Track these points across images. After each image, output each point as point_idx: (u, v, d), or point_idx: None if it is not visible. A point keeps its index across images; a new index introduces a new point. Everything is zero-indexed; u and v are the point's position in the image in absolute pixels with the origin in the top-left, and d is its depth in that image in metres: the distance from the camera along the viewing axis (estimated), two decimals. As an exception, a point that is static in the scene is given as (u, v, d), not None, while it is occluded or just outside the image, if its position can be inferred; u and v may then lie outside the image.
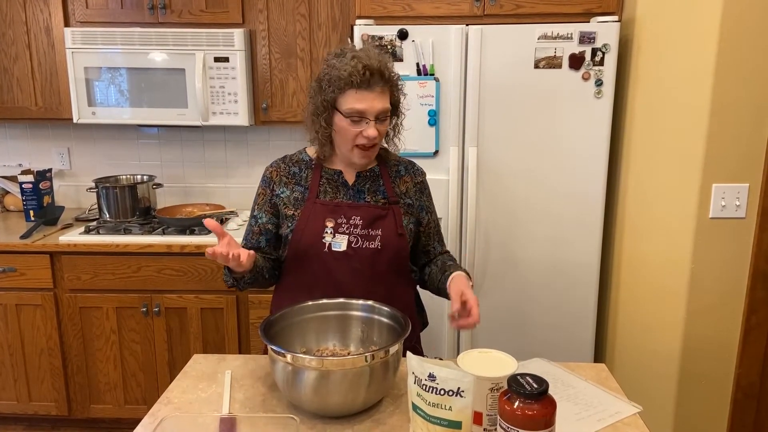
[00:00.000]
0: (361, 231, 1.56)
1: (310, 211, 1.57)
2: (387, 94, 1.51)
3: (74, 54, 2.66)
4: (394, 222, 1.58)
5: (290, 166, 1.64)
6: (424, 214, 1.68)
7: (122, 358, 2.68)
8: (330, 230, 1.55)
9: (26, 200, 2.89)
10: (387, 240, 1.56)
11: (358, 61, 1.45)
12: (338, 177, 1.60)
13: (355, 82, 1.45)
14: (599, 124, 2.34)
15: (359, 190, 1.60)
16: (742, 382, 2.13)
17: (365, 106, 1.46)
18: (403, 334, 1.29)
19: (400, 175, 1.66)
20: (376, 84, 1.47)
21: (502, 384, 1.16)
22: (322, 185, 1.60)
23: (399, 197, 1.62)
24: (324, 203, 1.57)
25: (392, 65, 1.54)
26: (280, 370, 1.23)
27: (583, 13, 2.43)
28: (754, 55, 1.92)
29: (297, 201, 1.59)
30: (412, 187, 1.66)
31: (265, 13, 2.66)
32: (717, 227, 2.05)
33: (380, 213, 1.58)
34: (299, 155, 1.66)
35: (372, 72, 1.45)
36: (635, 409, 1.33)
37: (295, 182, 1.61)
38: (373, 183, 1.62)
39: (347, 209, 1.57)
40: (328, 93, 1.49)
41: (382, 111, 1.49)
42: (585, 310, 2.49)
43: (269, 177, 1.64)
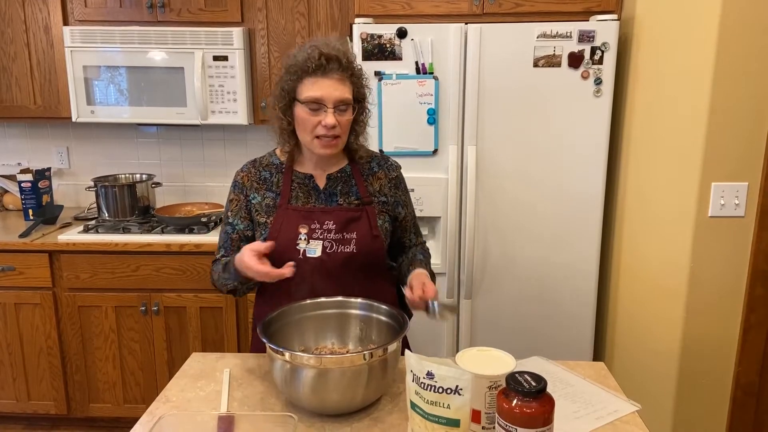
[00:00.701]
0: (335, 235, 1.54)
1: (282, 218, 1.55)
2: (347, 84, 1.48)
3: (73, 53, 2.66)
4: (368, 223, 1.56)
5: (261, 171, 1.61)
6: (400, 208, 1.66)
7: (121, 357, 2.68)
8: (304, 236, 1.53)
9: (25, 199, 2.89)
10: (362, 242, 1.54)
11: (314, 49, 1.45)
12: (309, 181, 1.58)
13: (310, 68, 1.44)
14: (598, 122, 2.34)
15: (331, 193, 1.58)
16: (741, 381, 2.13)
17: (322, 92, 1.45)
18: (402, 333, 1.29)
19: (373, 172, 1.63)
20: (333, 71, 1.45)
21: (501, 382, 1.15)
22: (294, 190, 1.58)
23: (373, 196, 1.60)
24: (296, 209, 1.56)
25: (353, 57, 1.52)
26: (279, 369, 1.23)
27: (583, 12, 2.43)
28: (754, 54, 1.92)
29: (269, 207, 1.57)
30: (387, 183, 1.63)
31: (264, 11, 2.66)
32: (716, 226, 2.05)
33: (353, 215, 1.56)
34: (269, 158, 1.64)
35: (328, 58, 1.44)
36: (634, 407, 1.33)
37: (266, 188, 1.59)
38: (345, 184, 1.60)
39: (320, 214, 1.55)
40: (287, 83, 1.48)
41: (341, 100, 1.46)
42: (584, 309, 2.49)
43: (241, 182, 1.61)
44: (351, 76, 1.50)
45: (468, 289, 2.47)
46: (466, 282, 2.46)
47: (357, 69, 1.52)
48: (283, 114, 1.51)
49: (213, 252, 2.52)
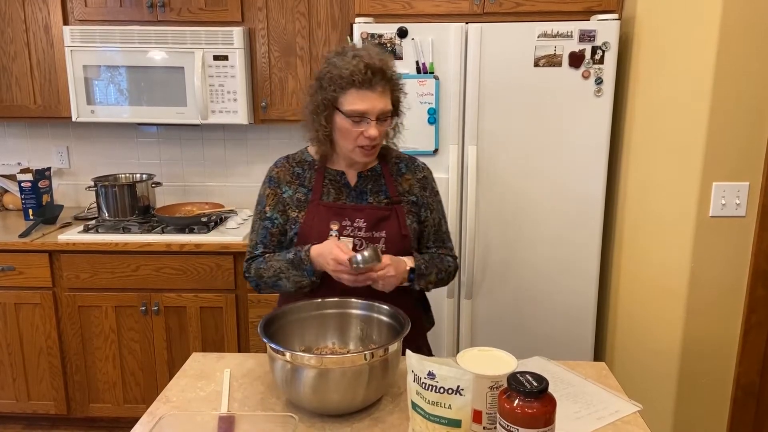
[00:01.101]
0: (365, 233, 1.55)
1: (314, 214, 1.56)
2: (388, 94, 1.50)
3: (73, 52, 2.66)
4: (398, 223, 1.57)
5: (294, 167, 1.63)
6: (424, 211, 1.65)
7: (121, 357, 2.67)
8: (335, 233, 1.54)
9: (25, 199, 2.88)
10: (391, 242, 1.55)
11: (359, 60, 1.44)
12: (341, 178, 1.60)
13: (356, 81, 1.44)
14: (599, 122, 2.34)
15: (362, 191, 1.59)
16: (742, 381, 2.13)
17: (367, 106, 1.45)
18: (403, 333, 1.29)
19: (402, 173, 1.64)
20: (378, 84, 1.46)
21: (502, 382, 1.15)
22: (326, 186, 1.59)
23: (402, 196, 1.61)
24: (327, 205, 1.57)
25: (393, 64, 1.53)
26: (279, 369, 1.23)
27: (583, 11, 2.42)
28: (754, 53, 1.92)
29: (300, 202, 1.59)
30: (415, 184, 1.64)
31: (265, 11, 2.66)
32: (717, 226, 2.04)
33: (383, 214, 1.57)
34: (302, 155, 1.65)
35: (374, 71, 1.44)
36: (635, 407, 1.33)
37: (298, 183, 1.60)
38: (375, 183, 1.61)
39: (351, 211, 1.56)
40: (328, 92, 1.47)
41: (384, 111, 1.48)
42: (585, 309, 2.48)
43: (276, 177, 1.63)
44: (392, 85, 1.51)
45: (468, 289, 2.46)
46: (467, 282, 2.45)
47: (397, 78, 1.52)
48: (325, 122, 1.50)
49: (212, 252, 2.55)
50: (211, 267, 2.57)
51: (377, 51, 1.50)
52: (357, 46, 1.53)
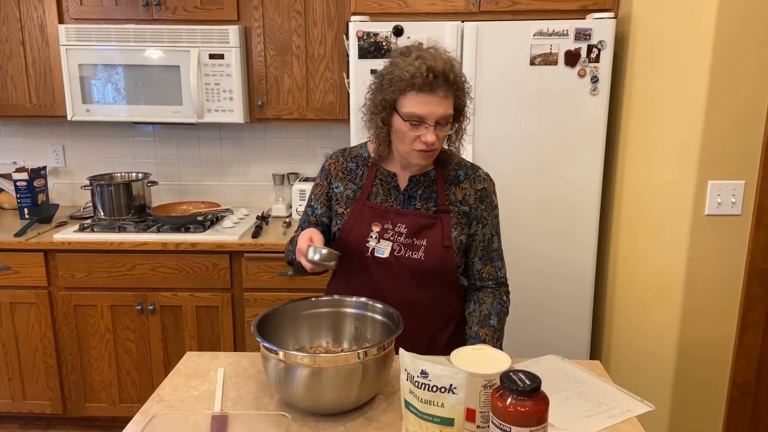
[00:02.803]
0: (405, 240, 1.52)
1: (358, 213, 1.55)
2: (450, 98, 1.42)
3: (68, 51, 2.65)
4: (441, 233, 1.52)
5: (348, 162, 1.61)
6: (475, 224, 1.57)
7: (117, 356, 2.67)
8: (375, 235, 1.53)
9: (20, 198, 2.88)
10: (431, 251, 1.51)
11: (422, 62, 1.37)
12: (392, 180, 1.56)
13: (417, 84, 1.37)
14: (595, 121, 2.34)
15: (410, 195, 1.55)
16: (738, 380, 2.12)
17: (426, 111, 1.39)
18: (396, 332, 1.28)
19: (459, 181, 1.57)
20: (440, 88, 1.39)
21: (496, 381, 1.15)
22: (375, 186, 1.57)
23: (452, 205, 1.55)
24: (373, 206, 1.55)
25: (459, 67, 1.45)
26: (273, 368, 1.22)
27: (579, 10, 2.42)
28: (750, 52, 1.91)
29: (348, 199, 1.58)
30: (472, 194, 1.56)
31: (260, 9, 2.65)
32: (713, 224, 2.04)
33: (427, 222, 1.52)
34: (359, 149, 1.63)
35: (436, 75, 1.37)
36: (647, 407, 1.31)
37: (349, 179, 1.59)
38: (426, 189, 1.56)
39: (394, 216, 1.53)
40: (388, 93, 1.42)
41: (443, 117, 1.41)
42: (581, 308, 2.48)
43: (328, 169, 1.62)
44: (456, 90, 1.43)
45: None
46: (463, 281, 2.45)
47: (461, 82, 1.45)
48: (383, 122, 1.47)
49: (208, 251, 2.55)
50: (207, 266, 2.56)
51: (443, 52, 1.43)
52: (423, 45, 1.45)
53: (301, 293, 2.56)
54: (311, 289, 2.56)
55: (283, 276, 2.56)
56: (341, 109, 2.72)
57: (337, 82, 2.70)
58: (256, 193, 3.17)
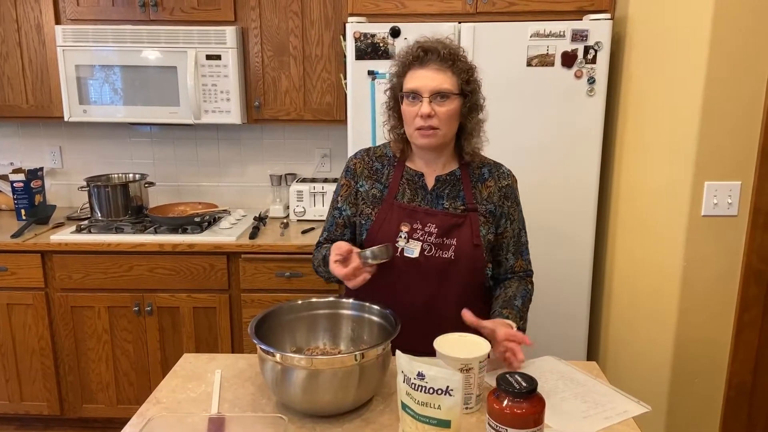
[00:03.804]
0: (435, 240, 1.52)
1: (386, 213, 1.55)
2: (447, 74, 1.45)
3: (65, 52, 2.65)
4: (470, 231, 1.53)
5: (374, 161, 1.62)
6: (503, 221, 1.59)
7: (114, 357, 2.66)
8: (404, 235, 1.53)
9: (17, 199, 2.87)
10: (461, 250, 1.52)
11: (417, 43, 1.47)
12: (419, 179, 1.57)
13: (408, 61, 1.46)
14: (592, 122, 2.34)
15: (438, 195, 1.56)
16: (734, 380, 2.13)
17: (419, 83, 1.45)
18: (393, 333, 1.28)
19: (484, 179, 1.59)
20: (431, 61, 1.45)
21: (472, 365, 1.22)
22: (402, 185, 1.57)
23: (479, 203, 1.56)
24: (401, 206, 1.55)
25: (458, 50, 1.49)
26: (270, 370, 1.22)
27: (576, 11, 2.42)
28: (746, 53, 1.92)
29: (375, 199, 1.58)
30: (496, 192, 1.58)
31: (258, 10, 2.65)
32: (709, 225, 2.05)
33: (456, 222, 1.53)
34: (383, 149, 1.64)
35: (426, 50, 1.45)
36: (643, 408, 1.31)
37: (375, 179, 1.59)
38: (453, 188, 1.57)
39: (423, 215, 1.53)
40: (393, 81, 1.51)
41: (438, 89, 1.43)
42: (578, 308, 2.49)
43: (353, 169, 1.62)
44: (453, 66, 1.46)
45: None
46: (460, 281, 2.45)
47: (462, 60, 1.48)
48: (392, 111, 1.53)
49: (205, 252, 2.54)
50: (205, 267, 2.56)
51: (443, 39, 1.49)
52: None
53: (300, 294, 2.57)
54: (310, 289, 2.56)
55: (281, 277, 2.56)
56: (338, 110, 2.72)
57: (335, 83, 2.70)
58: (254, 194, 3.17)
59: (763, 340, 2.10)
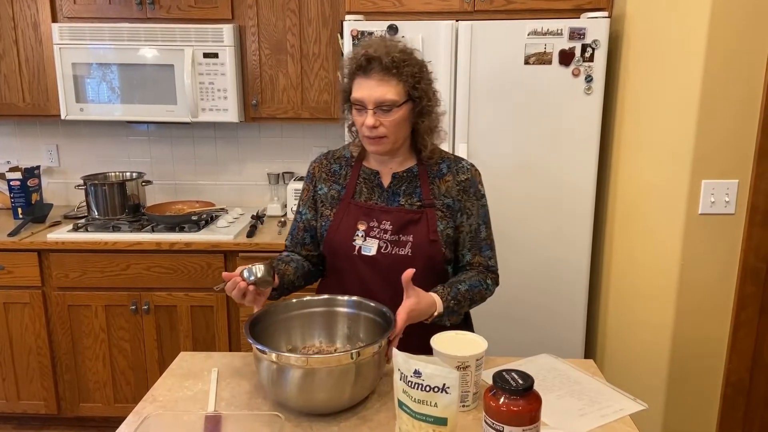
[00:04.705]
0: (390, 237, 1.52)
1: (343, 213, 1.55)
2: (391, 84, 1.42)
3: (62, 50, 2.64)
4: (427, 227, 1.52)
5: (332, 163, 1.63)
6: (460, 216, 1.56)
7: (111, 356, 2.66)
8: (361, 233, 1.53)
9: (14, 197, 2.87)
10: (418, 247, 1.51)
11: (361, 49, 1.44)
12: (375, 178, 1.57)
13: (355, 69, 1.45)
14: (589, 120, 2.34)
15: (394, 192, 1.56)
16: (731, 378, 2.13)
17: (363, 94, 1.43)
18: (389, 331, 1.28)
19: (442, 174, 1.56)
20: (374, 71, 1.42)
21: (469, 363, 1.22)
22: (359, 185, 1.57)
23: (436, 199, 1.54)
24: (358, 205, 1.55)
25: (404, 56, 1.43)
26: (265, 369, 1.22)
27: (573, 9, 2.42)
28: (743, 51, 1.92)
29: (333, 200, 1.58)
30: (454, 186, 1.56)
31: (255, 8, 2.65)
32: (706, 223, 2.05)
33: (412, 217, 1.52)
34: (342, 151, 1.65)
35: (370, 58, 1.42)
36: (640, 406, 1.31)
37: (333, 180, 1.60)
38: (410, 184, 1.56)
39: (379, 213, 1.53)
40: (344, 85, 1.50)
41: (382, 100, 1.41)
42: (575, 306, 2.49)
43: (312, 173, 1.64)
44: (398, 73, 1.42)
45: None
46: (458, 280, 2.45)
47: (407, 67, 1.43)
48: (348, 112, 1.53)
49: (203, 251, 2.55)
50: (202, 266, 2.56)
51: (388, 42, 1.45)
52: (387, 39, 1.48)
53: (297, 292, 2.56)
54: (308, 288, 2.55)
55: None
56: (336, 108, 2.72)
57: (332, 81, 2.70)
58: (251, 193, 3.16)
59: (760, 338, 2.10)
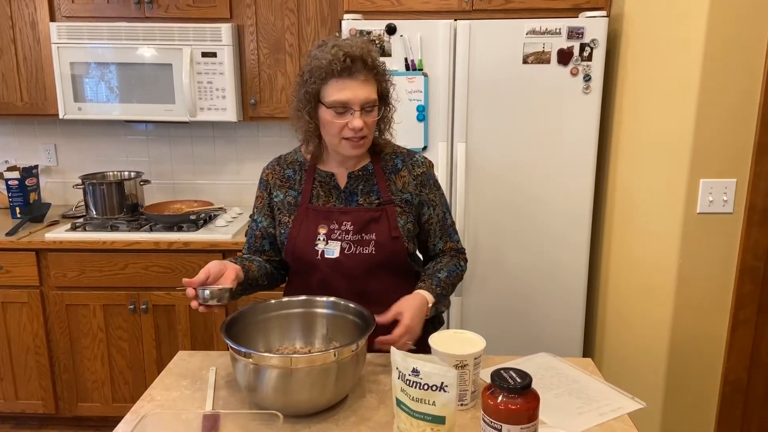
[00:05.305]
0: (353, 237, 1.51)
1: (302, 218, 1.54)
2: (372, 83, 1.44)
3: (60, 49, 2.63)
4: (388, 224, 1.52)
5: (285, 169, 1.60)
6: (425, 208, 1.58)
7: (110, 355, 2.66)
8: (323, 237, 1.52)
9: (12, 197, 2.86)
10: (381, 244, 1.51)
11: (338, 49, 1.40)
12: (330, 180, 1.56)
13: (335, 70, 1.39)
14: (587, 119, 2.34)
15: (351, 192, 1.55)
16: (729, 377, 2.13)
17: (348, 95, 1.40)
18: (368, 331, 1.27)
19: (397, 170, 1.57)
20: (359, 72, 1.41)
21: (467, 361, 1.23)
22: (315, 188, 1.56)
23: (394, 195, 1.55)
24: (316, 209, 1.54)
25: (377, 54, 1.47)
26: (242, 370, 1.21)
27: (572, 8, 2.42)
28: (741, 50, 1.92)
29: (290, 206, 1.57)
30: (411, 181, 1.56)
31: (253, 7, 2.64)
32: (704, 222, 2.05)
33: (372, 216, 1.52)
34: (294, 155, 1.62)
35: (353, 59, 1.39)
36: (638, 405, 1.31)
37: (288, 186, 1.58)
38: (367, 183, 1.55)
39: (338, 215, 1.53)
40: (310, 85, 1.43)
41: (367, 101, 1.42)
42: (574, 306, 2.49)
43: (266, 180, 1.61)
44: (376, 74, 1.45)
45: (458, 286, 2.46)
46: (456, 279, 2.45)
47: (381, 67, 1.47)
48: (309, 117, 1.47)
49: (201, 250, 2.55)
50: (200, 265, 2.52)
51: (359, 41, 1.45)
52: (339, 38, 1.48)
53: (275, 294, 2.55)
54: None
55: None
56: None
57: (331, 80, 2.69)
58: (250, 192, 3.16)
59: (758, 337, 2.10)
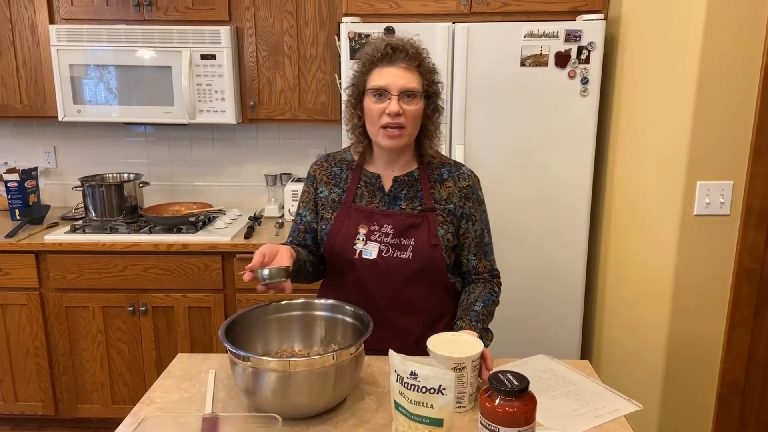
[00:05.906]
0: (392, 240, 1.52)
1: (344, 216, 1.55)
2: (414, 73, 1.46)
3: (59, 51, 2.64)
4: (428, 231, 1.52)
5: (332, 166, 1.63)
6: (464, 222, 1.57)
7: (109, 357, 2.66)
8: (362, 237, 1.53)
9: (11, 199, 2.87)
10: (419, 250, 1.51)
11: (382, 41, 1.47)
12: (376, 181, 1.57)
13: (376, 57, 1.45)
14: (585, 122, 2.35)
15: (395, 196, 1.56)
16: (727, 378, 2.14)
17: (387, 81, 1.44)
18: (366, 334, 1.28)
19: (443, 179, 1.57)
20: (399, 60, 1.45)
21: (465, 364, 1.23)
22: (360, 188, 1.57)
23: (438, 203, 1.55)
24: (359, 208, 1.55)
25: (425, 52, 1.50)
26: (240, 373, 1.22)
27: (569, 11, 2.43)
28: (738, 53, 1.93)
29: (334, 203, 1.58)
30: (456, 192, 1.57)
31: (252, 10, 2.65)
32: (701, 225, 2.06)
33: (413, 222, 1.53)
34: (342, 154, 1.65)
35: (394, 48, 1.45)
36: (635, 406, 1.32)
37: (334, 183, 1.60)
38: (411, 188, 1.56)
39: (380, 216, 1.54)
40: (358, 78, 1.50)
41: (406, 88, 1.44)
42: (571, 308, 2.49)
43: (313, 175, 1.64)
44: (419, 66, 1.47)
45: (456, 288, 2.47)
46: (455, 281, 2.46)
47: (427, 61, 1.50)
48: (354, 108, 1.52)
49: (200, 252, 2.55)
50: (199, 267, 2.56)
51: (408, 38, 1.50)
52: None
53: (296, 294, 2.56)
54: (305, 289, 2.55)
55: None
56: (333, 109, 2.72)
57: (329, 82, 2.70)
58: (249, 194, 3.17)
59: (755, 339, 2.11)
